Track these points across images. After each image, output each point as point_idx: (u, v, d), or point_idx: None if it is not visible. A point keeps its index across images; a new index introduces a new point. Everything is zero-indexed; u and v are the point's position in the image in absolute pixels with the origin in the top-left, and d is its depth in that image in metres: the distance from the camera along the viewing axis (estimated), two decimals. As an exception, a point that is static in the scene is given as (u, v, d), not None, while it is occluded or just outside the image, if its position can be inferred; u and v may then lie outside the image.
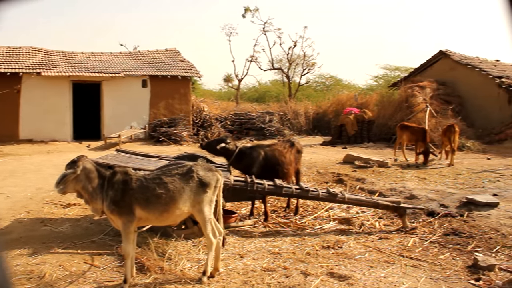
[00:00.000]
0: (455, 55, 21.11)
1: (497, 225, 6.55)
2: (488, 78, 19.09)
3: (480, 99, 18.97)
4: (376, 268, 5.10)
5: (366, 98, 22.22)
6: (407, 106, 18.37)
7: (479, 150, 15.36)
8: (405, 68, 32.18)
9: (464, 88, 19.76)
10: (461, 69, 20.22)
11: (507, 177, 10.17)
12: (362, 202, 6.96)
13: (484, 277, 4.83)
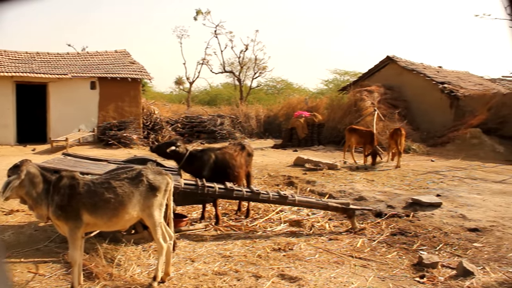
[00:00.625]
0: (401, 61, 21.82)
1: (440, 224, 6.82)
2: (432, 83, 19.88)
3: (425, 103, 19.70)
4: (326, 269, 5.18)
5: (317, 102, 22.61)
6: (356, 110, 18.81)
7: (424, 152, 15.94)
8: (354, 72, 32.97)
9: (410, 93, 20.46)
10: (407, 75, 20.92)
11: (449, 178, 10.62)
12: (312, 204, 7.07)
13: (428, 274, 5.01)
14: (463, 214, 7.23)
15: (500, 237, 6.16)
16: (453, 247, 5.97)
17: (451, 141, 17.11)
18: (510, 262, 5.33)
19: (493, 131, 16.93)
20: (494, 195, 8.84)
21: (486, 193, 8.97)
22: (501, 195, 8.87)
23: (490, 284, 4.60)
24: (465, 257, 5.50)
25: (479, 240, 6.16)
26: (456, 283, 4.72)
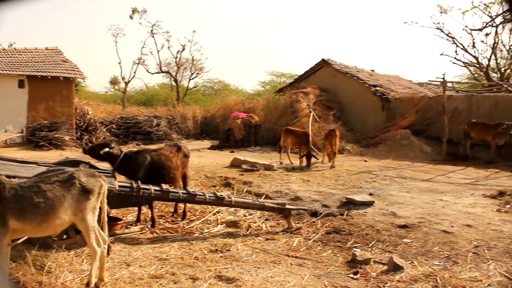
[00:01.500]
0: (336, 64, 22.43)
1: (373, 222, 7.07)
2: (365, 86, 20.59)
3: (358, 105, 20.37)
4: (263, 269, 5.23)
5: (253, 103, 22.78)
6: (292, 111, 19.11)
7: (358, 153, 16.47)
8: (291, 74, 33.56)
9: (344, 95, 21.07)
10: (341, 77, 21.53)
11: (381, 178, 11.03)
12: (249, 205, 7.11)
13: (361, 270, 5.17)
14: (393, 211, 7.52)
15: (427, 233, 6.47)
16: (384, 243, 6.20)
17: (383, 142, 17.78)
18: (435, 256, 5.62)
19: (421, 132, 17.78)
20: (422, 193, 9.28)
21: (415, 191, 9.40)
22: (428, 192, 9.33)
23: (418, 277, 4.82)
24: (395, 253, 5.72)
25: (408, 236, 6.43)
26: (387, 277, 4.90)
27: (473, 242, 6.06)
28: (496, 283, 4.74)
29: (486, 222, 6.96)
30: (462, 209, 7.74)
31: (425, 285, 4.65)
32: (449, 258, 5.54)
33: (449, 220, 6.99)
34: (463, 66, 25.48)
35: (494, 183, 10.79)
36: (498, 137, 15.07)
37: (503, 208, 7.90)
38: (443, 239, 6.21)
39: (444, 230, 6.54)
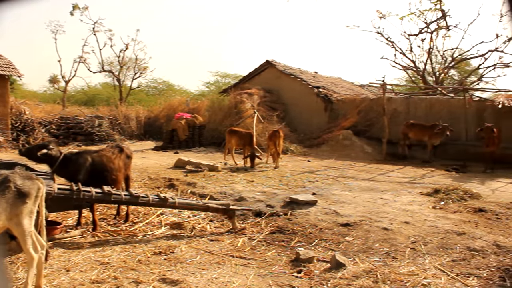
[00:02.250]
0: (280, 65, 22.68)
1: (316, 221, 7.19)
2: (308, 87, 20.95)
3: (302, 106, 20.69)
4: (207, 270, 5.19)
5: (198, 104, 22.66)
6: (236, 112, 19.15)
7: (301, 153, 16.73)
8: (236, 75, 33.63)
9: (288, 96, 21.33)
10: (285, 79, 21.79)
11: (324, 177, 11.25)
12: (193, 206, 7.05)
13: (305, 268, 5.25)
14: (336, 210, 7.69)
15: (368, 230, 6.66)
16: (327, 242, 6.32)
17: (325, 142, 18.15)
18: (376, 252, 5.80)
19: (362, 133, 18.31)
20: (363, 192, 9.54)
21: (356, 190, 9.65)
22: (369, 191, 9.60)
23: (359, 273, 4.94)
24: (338, 251, 5.85)
25: (350, 234, 6.59)
26: (330, 275, 5.00)
27: (410, 238, 6.30)
28: (431, 276, 4.95)
29: (423, 218, 7.25)
30: (400, 207, 8.03)
31: (366, 281, 4.77)
32: (389, 254, 5.73)
33: (388, 218, 7.23)
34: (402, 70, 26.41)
35: (430, 181, 11.27)
36: (433, 138, 15.79)
37: (438, 205, 8.27)
38: (383, 236, 6.42)
39: (384, 227, 6.76)
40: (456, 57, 25.44)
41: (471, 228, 6.80)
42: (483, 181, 11.85)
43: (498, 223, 7.24)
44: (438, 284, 4.78)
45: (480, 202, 8.67)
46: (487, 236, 6.45)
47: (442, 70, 25.63)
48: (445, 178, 12.09)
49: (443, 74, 25.75)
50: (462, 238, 6.34)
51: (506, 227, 7.02)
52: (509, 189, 10.74)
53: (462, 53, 25.36)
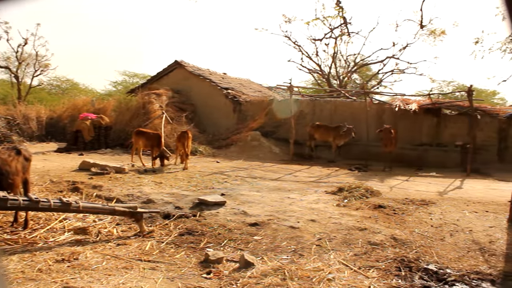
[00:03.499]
0: (189, 66, 22.51)
1: (225, 221, 7.21)
2: (217, 89, 21.01)
3: (211, 107, 20.70)
4: (114, 276, 5.00)
5: (104, 104, 21.80)
6: (144, 113, 18.71)
7: (210, 154, 16.71)
8: (144, 75, 32.88)
9: (197, 97, 21.23)
10: (194, 79, 21.67)
11: (233, 178, 11.33)
12: (98, 210, 6.75)
13: (214, 269, 5.23)
14: (244, 210, 7.76)
15: (275, 229, 6.79)
16: (236, 242, 6.35)
17: (234, 143, 18.30)
18: (283, 250, 5.93)
19: (270, 134, 18.71)
20: (271, 191, 9.73)
21: (264, 190, 9.82)
22: (277, 191, 9.82)
23: (268, 271, 5.02)
24: (246, 250, 5.90)
25: (258, 233, 6.68)
26: (239, 274, 5.02)
27: (316, 235, 6.52)
28: (336, 270, 5.15)
29: (328, 216, 7.54)
30: (307, 206, 8.29)
31: (274, 278, 4.85)
32: (296, 252, 5.88)
33: (295, 216, 7.43)
34: (308, 73, 27.42)
35: (335, 180, 11.77)
36: (338, 138, 16.55)
37: (342, 203, 8.66)
38: (291, 234, 6.58)
39: (291, 225, 6.93)
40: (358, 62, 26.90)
41: (371, 224, 7.19)
42: (382, 179, 12.60)
43: (395, 218, 7.73)
44: (342, 277, 4.98)
45: (380, 199, 9.21)
46: (385, 231, 6.86)
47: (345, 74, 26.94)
48: (349, 177, 12.69)
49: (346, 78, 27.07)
50: (363, 233, 6.68)
51: (402, 221, 7.52)
52: (405, 186, 11.51)
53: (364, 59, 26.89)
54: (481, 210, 8.61)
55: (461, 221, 7.74)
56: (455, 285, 5.09)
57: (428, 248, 6.24)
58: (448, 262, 5.78)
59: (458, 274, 5.36)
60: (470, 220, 7.80)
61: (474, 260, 5.88)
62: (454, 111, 17.88)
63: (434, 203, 9.05)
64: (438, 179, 13.44)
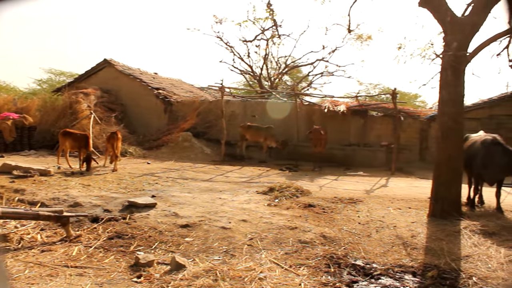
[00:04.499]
0: (119, 65, 21.94)
1: (155, 223, 7.10)
2: (148, 89, 20.64)
3: (141, 108, 20.30)
4: (38, 285, 4.78)
5: (27, 103, 20.71)
6: (71, 113, 18.01)
7: (141, 155, 16.39)
8: (71, 73, 31.61)
9: (127, 97, 20.74)
10: (124, 79, 21.15)
11: (164, 179, 11.19)
12: (20, 215, 6.42)
13: (145, 273, 5.14)
14: (175, 212, 7.68)
15: (207, 230, 6.78)
16: (167, 244, 6.28)
17: (165, 144, 18.07)
18: (215, 251, 5.94)
19: (201, 135, 18.65)
20: (202, 192, 9.70)
21: (196, 191, 9.78)
22: (208, 192, 9.81)
23: (199, 273, 5.01)
24: (178, 252, 5.85)
25: (190, 235, 6.64)
26: (170, 277, 4.98)
27: (248, 235, 6.59)
28: (267, 270, 5.23)
29: (259, 216, 7.64)
30: (238, 206, 8.35)
31: (206, 280, 4.85)
32: (228, 252, 5.91)
33: (227, 217, 7.46)
34: (240, 74, 27.56)
35: (266, 180, 11.93)
36: (269, 139, 16.79)
37: (273, 203, 8.80)
38: (222, 235, 6.60)
39: (222, 226, 6.95)
40: (289, 64, 27.41)
41: (302, 222, 7.36)
42: (312, 178, 12.93)
43: (324, 216, 7.97)
44: (273, 276, 5.07)
45: (310, 198, 9.45)
46: (315, 229, 7.05)
47: (276, 75, 27.35)
48: (279, 177, 12.91)
49: (277, 79, 27.49)
50: (294, 232, 6.83)
51: (331, 220, 7.76)
52: (334, 185, 11.88)
53: (294, 61, 27.43)
54: (404, 207, 9.06)
55: (386, 217, 8.11)
56: (381, 278, 5.34)
57: (356, 245, 6.49)
58: (375, 257, 6.05)
59: (384, 268, 5.63)
60: (395, 217, 8.20)
61: (398, 254, 6.19)
62: (379, 113, 18.69)
63: (361, 201, 9.41)
64: (365, 178, 13.99)
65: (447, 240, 6.82)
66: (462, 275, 5.46)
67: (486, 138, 9.07)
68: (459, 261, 5.97)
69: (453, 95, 8.26)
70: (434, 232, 7.27)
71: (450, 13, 8.17)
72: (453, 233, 7.21)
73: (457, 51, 8.03)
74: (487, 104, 18.18)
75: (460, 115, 8.43)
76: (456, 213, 8.12)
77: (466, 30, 8.13)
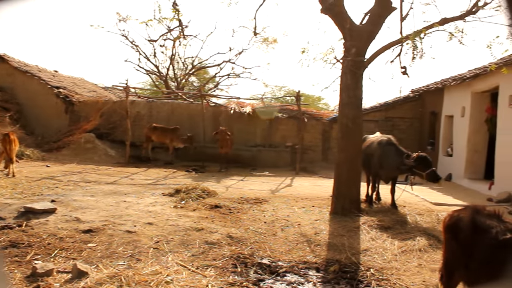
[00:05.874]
0: (14, 60, 20.52)
1: (55, 230, 6.75)
2: (47, 87, 19.53)
3: (40, 107, 19.15)
4: None
5: None
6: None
7: (39, 158, 15.46)
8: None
9: (23, 96, 19.45)
10: (20, 76, 19.82)
11: (65, 183, 10.67)
12: None
13: (43, 283, 4.87)
14: (77, 217, 7.36)
15: (111, 235, 6.58)
16: (68, 251, 5.99)
17: (66, 146, 17.22)
18: (120, 256, 5.77)
19: (105, 136, 18.02)
20: (106, 195, 9.39)
21: (99, 195, 9.44)
22: (113, 195, 9.51)
23: (103, 279, 4.85)
24: (80, 259, 5.60)
25: (93, 240, 6.40)
26: (72, 285, 4.77)
27: (154, 238, 6.49)
28: (174, 272, 5.20)
29: (165, 218, 7.56)
30: (144, 209, 8.20)
31: (110, 286, 4.72)
32: (133, 256, 5.78)
33: (132, 220, 7.30)
34: (146, 74, 26.96)
35: (172, 182, 11.82)
36: (175, 140, 16.66)
37: (179, 204, 8.76)
38: (127, 239, 6.44)
39: (127, 230, 6.79)
40: (196, 65, 27.30)
41: (208, 224, 7.40)
42: (218, 179, 13.02)
43: (231, 217, 8.07)
44: (180, 279, 5.05)
45: (216, 199, 9.52)
46: (222, 229, 7.12)
47: (183, 76, 27.13)
48: (186, 178, 12.85)
49: (184, 80, 27.28)
50: (201, 233, 6.85)
51: (237, 220, 7.88)
52: (240, 186, 12.05)
53: (201, 62, 27.36)
54: (308, 205, 9.44)
55: (291, 216, 8.40)
56: (286, 275, 5.53)
57: (262, 244, 6.65)
58: (280, 255, 6.24)
59: (289, 265, 5.83)
60: (299, 215, 8.51)
61: (302, 251, 6.45)
62: (284, 114, 19.22)
63: (267, 201, 9.65)
64: (271, 178, 14.34)
65: (347, 236, 7.21)
66: (361, 268, 5.82)
67: (382, 139, 9.71)
68: (359, 254, 6.35)
69: (352, 98, 8.74)
70: (336, 228, 7.65)
71: (349, 21, 8.64)
72: (353, 228, 7.64)
73: (356, 57, 8.52)
74: (383, 107, 19.46)
75: (359, 117, 8.94)
76: (356, 210, 8.62)
77: (364, 38, 8.66)
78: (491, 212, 3.97)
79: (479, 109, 14.08)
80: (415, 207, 9.48)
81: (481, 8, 8.10)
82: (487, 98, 13.92)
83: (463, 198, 11.05)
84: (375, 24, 8.68)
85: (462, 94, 14.79)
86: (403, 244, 6.71)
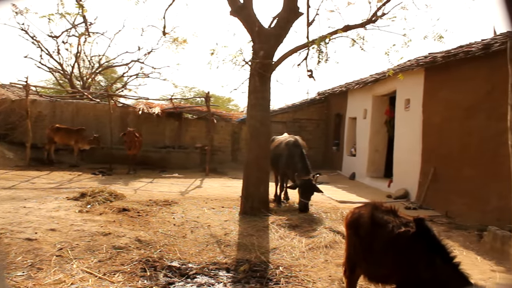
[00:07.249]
0: None
1: None
2: None
3: None
4: None
5: None
6: None
7: None
8: None
9: None
10: None
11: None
12: None
13: None
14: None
15: (9, 244, 6.13)
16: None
17: None
18: (19, 266, 5.37)
19: (2, 137, 16.82)
20: (3, 201, 8.76)
21: (-4, 201, 8.80)
22: (11, 201, 8.91)
23: (-1, 293, 4.54)
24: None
25: (-14, 251, 5.96)
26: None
27: (57, 246, 6.15)
28: (79, 280, 4.98)
29: (70, 223, 7.21)
30: (46, 214, 7.75)
31: (9, 299, 4.43)
32: (34, 266, 5.44)
33: (33, 227, 6.87)
34: (49, 71, 25.51)
35: (77, 185, 11.33)
36: (80, 142, 15.98)
37: (85, 209, 8.40)
38: (27, 247, 6.04)
39: (27, 238, 6.37)
40: (103, 63, 26.33)
41: (116, 228, 7.17)
42: (127, 182, 12.68)
43: (139, 220, 7.89)
44: (86, 286, 4.85)
45: (124, 202, 9.26)
46: (130, 233, 6.93)
47: (89, 75, 26.04)
48: (92, 181, 12.38)
49: (90, 79, 26.20)
50: (108, 238, 6.61)
51: (146, 223, 7.72)
52: (149, 188, 11.82)
53: (109, 61, 26.44)
54: (218, 206, 9.47)
55: (201, 217, 8.38)
56: (197, 277, 5.51)
57: (172, 246, 6.57)
58: (190, 257, 6.20)
59: (199, 267, 5.81)
60: (209, 216, 8.51)
61: (212, 252, 6.46)
62: (194, 116, 19.16)
63: (176, 203, 9.56)
64: (180, 179, 14.21)
65: (257, 235, 7.33)
66: (271, 266, 5.95)
67: (289, 140, 10.00)
68: (268, 253, 6.49)
69: (260, 100, 8.91)
70: (245, 228, 7.75)
71: (258, 24, 8.80)
72: (262, 228, 7.79)
73: (264, 59, 8.69)
74: (291, 109, 20.05)
75: (267, 118, 9.13)
76: (265, 209, 8.79)
77: (272, 41, 8.86)
78: (388, 208, 4.26)
79: (379, 112, 14.99)
80: (321, 205, 9.87)
81: (379, 18, 8.62)
82: (386, 101, 14.86)
83: (366, 196, 11.67)
84: (283, 28, 8.91)
85: (364, 97, 15.63)
86: (310, 242, 6.95)
